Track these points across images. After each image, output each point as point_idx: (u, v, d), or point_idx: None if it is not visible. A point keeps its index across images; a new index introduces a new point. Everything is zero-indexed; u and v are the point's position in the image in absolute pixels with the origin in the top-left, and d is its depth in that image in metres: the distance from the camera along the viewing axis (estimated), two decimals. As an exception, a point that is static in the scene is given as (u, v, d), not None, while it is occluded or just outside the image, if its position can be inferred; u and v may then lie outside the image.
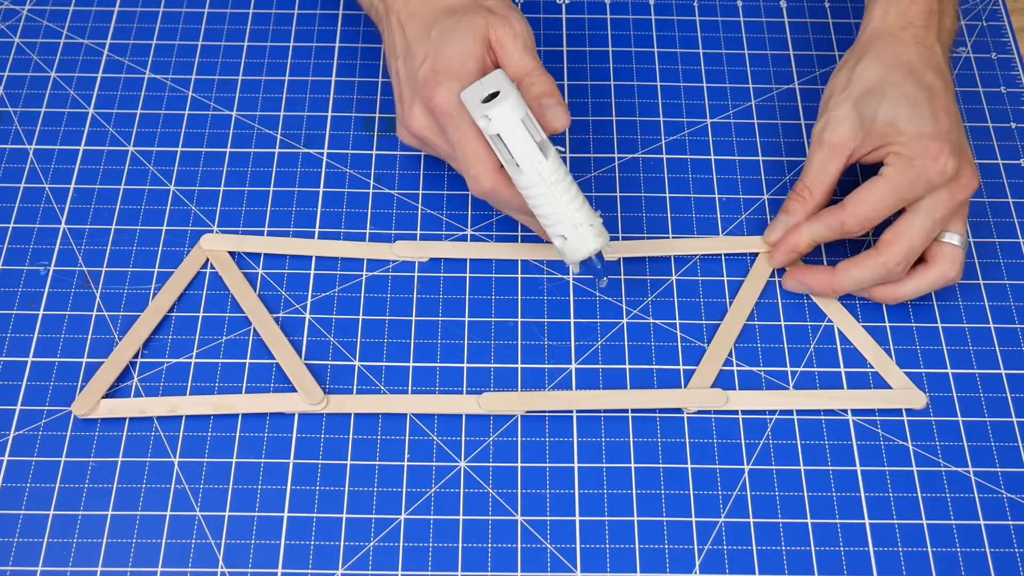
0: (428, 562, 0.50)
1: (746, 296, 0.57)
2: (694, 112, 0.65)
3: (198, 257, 0.58)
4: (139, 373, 0.55)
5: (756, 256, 0.59)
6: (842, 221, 0.55)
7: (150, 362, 0.55)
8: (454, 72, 0.52)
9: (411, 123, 0.55)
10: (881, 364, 0.55)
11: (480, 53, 0.53)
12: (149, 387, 0.54)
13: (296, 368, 0.54)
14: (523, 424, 0.54)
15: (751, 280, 0.58)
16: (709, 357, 0.55)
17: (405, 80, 0.55)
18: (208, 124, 0.64)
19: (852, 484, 0.52)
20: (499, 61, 0.54)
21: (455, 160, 0.54)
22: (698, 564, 0.50)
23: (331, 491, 0.52)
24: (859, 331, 0.56)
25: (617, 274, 0.58)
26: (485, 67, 0.53)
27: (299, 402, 0.53)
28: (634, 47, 0.68)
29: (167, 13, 0.69)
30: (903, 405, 0.54)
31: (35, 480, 0.52)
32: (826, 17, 0.70)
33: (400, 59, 0.55)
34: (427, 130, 0.54)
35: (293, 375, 0.54)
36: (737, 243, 0.59)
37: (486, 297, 0.58)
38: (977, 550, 0.51)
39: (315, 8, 0.69)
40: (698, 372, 0.55)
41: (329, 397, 0.54)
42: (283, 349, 0.55)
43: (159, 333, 0.56)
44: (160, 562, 0.50)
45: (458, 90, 0.51)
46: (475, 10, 0.54)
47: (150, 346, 0.55)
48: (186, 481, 0.52)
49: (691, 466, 0.53)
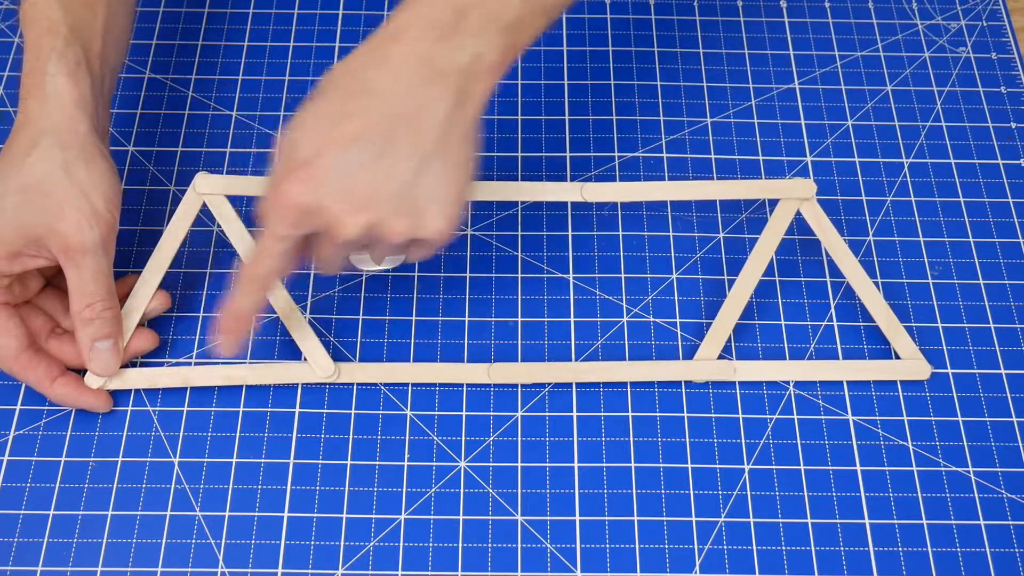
0: (428, 562, 0.50)
1: (764, 248, 0.57)
2: (694, 112, 0.65)
3: (193, 201, 0.57)
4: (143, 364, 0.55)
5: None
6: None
7: (152, 360, 0.55)
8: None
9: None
10: (892, 330, 0.55)
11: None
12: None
13: (306, 338, 0.54)
14: (523, 424, 0.54)
15: (767, 236, 0.57)
16: (715, 329, 0.55)
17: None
18: (208, 124, 0.64)
19: (852, 484, 0.52)
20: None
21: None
22: (698, 564, 0.50)
23: (331, 491, 0.52)
24: (874, 293, 0.56)
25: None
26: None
27: (309, 372, 0.53)
28: (634, 47, 0.68)
29: (167, 13, 0.69)
30: (908, 376, 0.54)
31: (35, 480, 0.52)
32: (826, 17, 0.70)
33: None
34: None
35: (303, 346, 0.54)
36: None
37: (486, 297, 0.58)
38: (977, 550, 0.51)
39: (315, 8, 0.69)
40: (704, 344, 0.55)
41: (339, 366, 0.54)
42: (291, 316, 0.55)
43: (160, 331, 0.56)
44: (160, 562, 0.50)
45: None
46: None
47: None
48: (186, 481, 0.52)
49: (691, 466, 0.53)
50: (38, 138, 0.50)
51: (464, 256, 0.59)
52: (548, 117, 0.65)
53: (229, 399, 0.54)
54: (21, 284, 0.52)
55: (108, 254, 0.51)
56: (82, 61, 0.52)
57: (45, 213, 0.49)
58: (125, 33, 0.57)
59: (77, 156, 0.50)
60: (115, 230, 0.52)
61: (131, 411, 0.54)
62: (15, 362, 0.51)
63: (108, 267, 0.51)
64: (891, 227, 0.61)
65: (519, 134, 0.64)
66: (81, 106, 0.51)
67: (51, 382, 0.51)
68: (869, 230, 0.61)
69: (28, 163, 0.50)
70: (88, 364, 0.52)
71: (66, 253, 0.50)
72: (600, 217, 0.60)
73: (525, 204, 0.61)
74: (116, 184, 0.52)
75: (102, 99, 0.54)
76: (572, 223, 0.60)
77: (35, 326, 0.53)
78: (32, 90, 0.51)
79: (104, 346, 0.51)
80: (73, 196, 0.50)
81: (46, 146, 0.50)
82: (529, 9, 0.48)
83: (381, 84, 0.45)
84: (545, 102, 0.65)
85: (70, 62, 0.51)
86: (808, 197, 0.57)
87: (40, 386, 0.52)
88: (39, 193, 0.49)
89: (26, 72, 0.52)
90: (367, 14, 0.69)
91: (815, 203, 0.57)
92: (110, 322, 0.51)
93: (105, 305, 0.51)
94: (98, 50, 0.53)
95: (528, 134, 0.64)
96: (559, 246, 0.59)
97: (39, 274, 0.54)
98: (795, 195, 0.57)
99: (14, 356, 0.51)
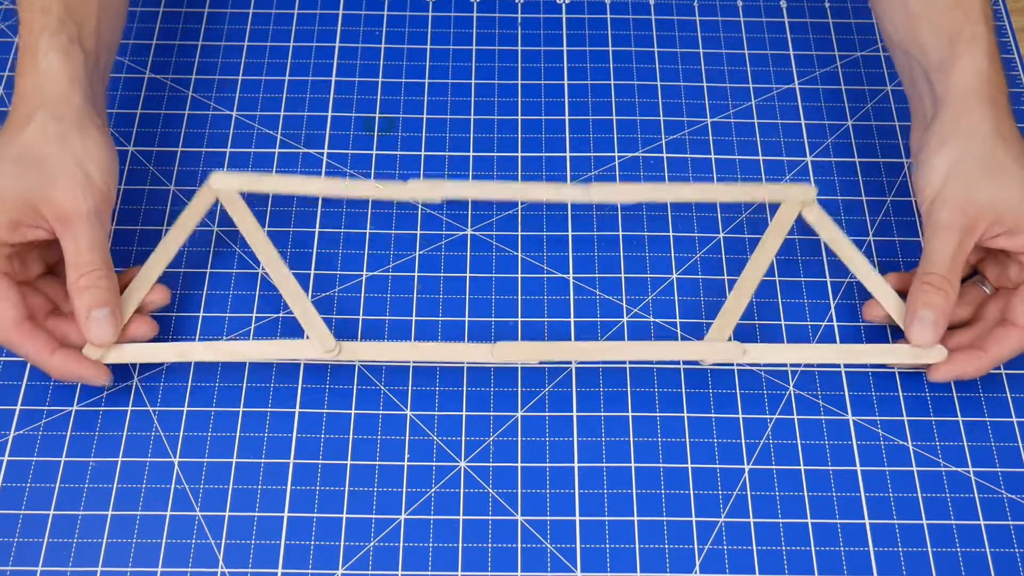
0: (428, 562, 0.50)
1: (768, 246, 0.56)
2: (694, 112, 0.65)
3: (207, 197, 0.57)
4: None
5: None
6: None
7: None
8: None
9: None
10: (909, 322, 0.54)
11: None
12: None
13: (308, 315, 0.54)
14: (523, 424, 0.54)
15: (772, 233, 0.57)
16: (726, 311, 0.55)
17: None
18: (208, 124, 0.64)
19: (852, 484, 0.52)
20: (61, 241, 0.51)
21: None
22: (698, 564, 0.50)
23: (331, 491, 0.52)
24: (888, 291, 0.55)
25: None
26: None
27: (311, 348, 0.53)
28: (634, 47, 0.68)
29: (167, 13, 0.69)
30: (922, 360, 0.53)
31: (35, 480, 0.52)
32: (826, 17, 0.70)
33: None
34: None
35: (305, 322, 0.54)
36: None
37: (486, 297, 0.58)
38: (977, 550, 0.51)
39: (315, 8, 0.69)
40: (715, 326, 0.54)
41: (341, 344, 0.53)
42: (295, 295, 0.54)
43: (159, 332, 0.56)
44: (160, 562, 0.50)
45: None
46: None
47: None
48: (186, 481, 0.52)
49: (691, 466, 0.53)
50: (33, 112, 0.51)
51: (464, 256, 0.59)
52: (548, 117, 0.65)
53: (229, 399, 0.54)
54: (21, 261, 0.52)
55: (103, 224, 0.52)
56: (75, 39, 0.53)
57: (39, 181, 0.50)
58: (121, 9, 0.58)
59: (71, 127, 0.51)
60: (110, 201, 0.52)
61: (131, 411, 0.54)
62: (15, 332, 0.50)
63: (104, 237, 0.52)
64: (891, 227, 0.61)
65: (519, 134, 0.64)
66: (75, 81, 0.52)
67: (50, 353, 0.51)
68: (869, 230, 0.61)
69: (23, 136, 0.51)
70: (86, 333, 0.51)
71: (61, 221, 0.50)
72: (600, 217, 0.60)
73: (525, 204, 0.61)
74: (112, 154, 0.53)
75: (98, 75, 0.55)
76: (572, 223, 0.60)
77: (34, 305, 0.52)
78: (26, 67, 0.52)
79: (101, 314, 0.51)
80: (66, 165, 0.51)
81: (41, 119, 0.51)
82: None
83: None
84: (545, 102, 0.65)
85: (63, 40, 0.52)
86: (808, 201, 0.57)
87: (39, 357, 0.51)
88: (33, 162, 0.50)
89: (20, 51, 0.53)
90: (367, 14, 0.69)
91: (817, 206, 0.57)
92: (106, 290, 0.51)
93: (101, 274, 0.51)
94: (92, 28, 0.54)
95: (528, 134, 0.64)
96: (559, 246, 0.59)
97: (40, 258, 0.54)
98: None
99: (14, 326, 0.50)
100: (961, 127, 0.53)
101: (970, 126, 0.53)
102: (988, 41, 0.54)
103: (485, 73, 0.66)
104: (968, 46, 0.53)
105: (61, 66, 0.52)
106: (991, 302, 0.55)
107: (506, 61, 0.67)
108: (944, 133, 0.53)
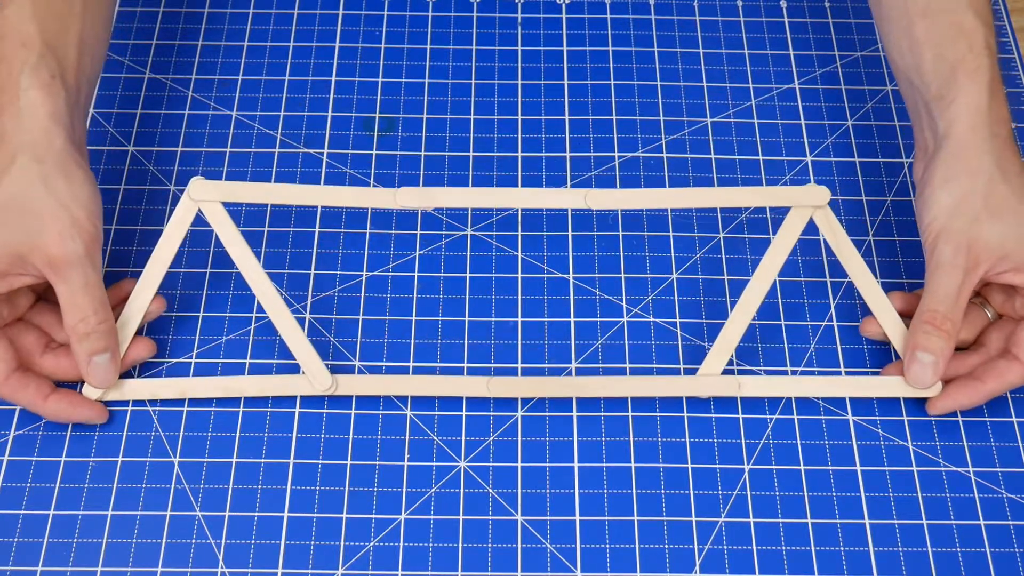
0: (428, 562, 0.50)
1: (775, 259, 0.55)
2: (694, 112, 0.65)
3: (189, 208, 0.56)
4: (142, 368, 0.55)
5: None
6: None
7: (152, 361, 0.55)
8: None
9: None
10: (907, 355, 0.54)
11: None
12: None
13: (304, 352, 0.54)
14: (523, 424, 0.54)
15: (775, 247, 0.56)
16: (720, 343, 0.54)
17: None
18: (208, 124, 0.64)
19: (852, 484, 0.52)
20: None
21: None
22: (698, 564, 0.50)
23: (331, 491, 0.52)
24: (889, 311, 0.55)
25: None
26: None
27: (307, 385, 0.53)
28: (634, 47, 0.68)
29: (167, 13, 0.69)
30: (919, 394, 0.53)
31: (35, 480, 0.52)
32: (826, 17, 0.70)
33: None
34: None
35: (301, 358, 0.53)
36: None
37: (486, 297, 0.58)
38: (977, 550, 0.51)
39: (315, 8, 0.69)
40: (708, 359, 0.54)
41: (337, 379, 0.53)
42: (290, 331, 0.54)
43: (159, 332, 0.56)
44: (160, 562, 0.50)
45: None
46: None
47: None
48: (186, 481, 0.52)
49: (691, 466, 0.53)
50: (15, 154, 0.50)
51: (464, 256, 0.59)
52: (548, 117, 0.65)
53: (229, 400, 0.54)
54: (10, 304, 0.52)
55: (95, 265, 0.51)
56: (57, 74, 0.51)
57: (26, 229, 0.49)
58: (101, 44, 0.57)
59: (54, 169, 0.50)
60: (99, 241, 0.51)
61: (131, 411, 0.54)
62: (4, 386, 0.50)
63: (97, 278, 0.51)
64: (891, 227, 0.61)
65: (519, 134, 0.64)
66: (56, 119, 0.51)
67: (43, 400, 0.51)
68: (869, 230, 0.61)
69: (5, 182, 0.49)
70: (87, 378, 0.52)
71: (52, 267, 0.50)
72: (600, 217, 0.60)
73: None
74: (96, 195, 0.52)
75: (78, 111, 0.53)
76: (572, 223, 0.60)
77: (28, 343, 0.52)
78: (6, 106, 0.51)
79: (101, 360, 0.51)
80: (52, 209, 0.49)
81: (22, 163, 0.49)
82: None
83: None
84: (545, 102, 0.65)
85: (44, 76, 0.51)
86: (822, 205, 0.56)
87: (33, 406, 0.51)
88: (18, 210, 0.49)
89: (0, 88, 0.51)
90: (367, 14, 0.69)
91: (829, 211, 0.56)
92: (105, 335, 0.51)
93: (99, 318, 0.51)
94: (73, 61, 0.53)
95: (528, 134, 0.64)
96: (559, 246, 0.59)
97: (29, 290, 0.53)
98: (809, 203, 0.55)
99: (2, 380, 0.50)
100: (962, 164, 0.52)
101: (972, 163, 0.52)
102: (991, 73, 0.53)
103: (485, 73, 0.67)
104: (969, 78, 0.53)
105: (42, 103, 0.50)
106: (994, 330, 0.54)
107: (506, 61, 0.67)
108: (946, 169, 0.53)
